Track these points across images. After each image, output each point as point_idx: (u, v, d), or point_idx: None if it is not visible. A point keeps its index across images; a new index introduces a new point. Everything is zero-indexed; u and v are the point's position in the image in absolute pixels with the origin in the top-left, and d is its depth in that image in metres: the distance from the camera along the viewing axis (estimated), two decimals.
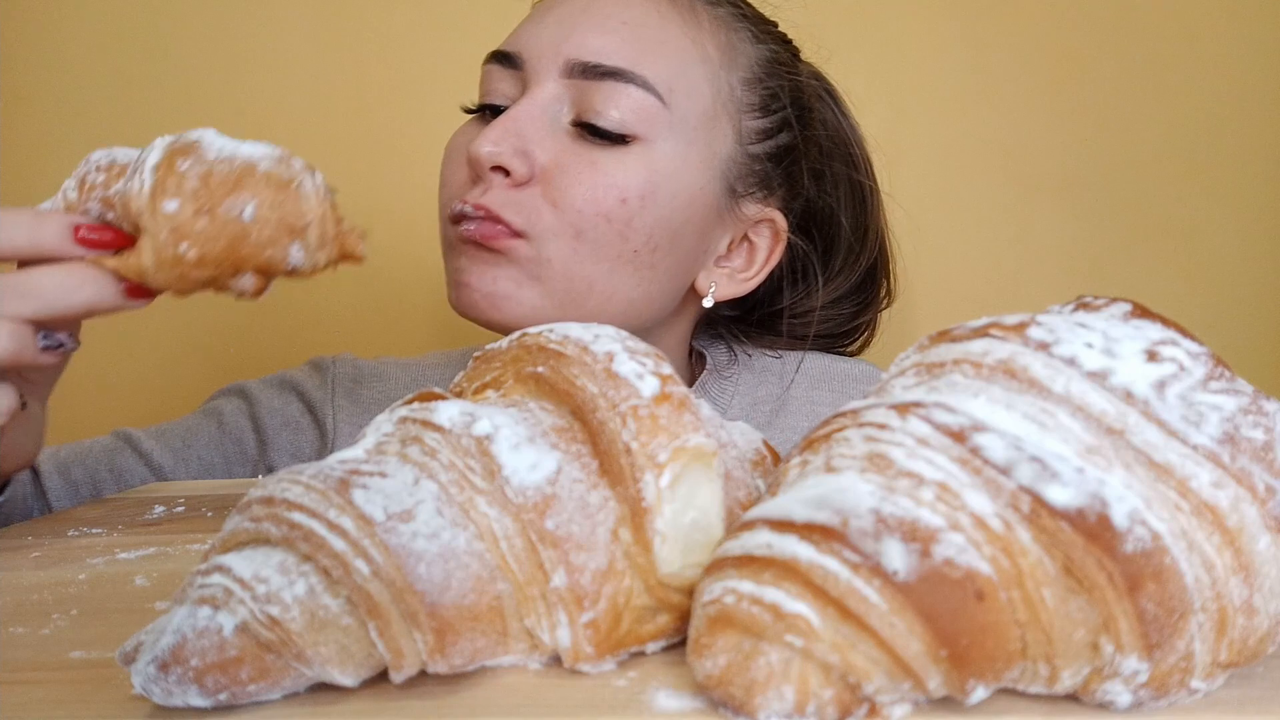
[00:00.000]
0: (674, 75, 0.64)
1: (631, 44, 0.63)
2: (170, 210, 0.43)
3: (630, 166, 0.63)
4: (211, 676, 0.26)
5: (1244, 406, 0.27)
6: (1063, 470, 0.25)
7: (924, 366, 0.30)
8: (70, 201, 0.46)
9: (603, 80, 0.62)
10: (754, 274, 0.72)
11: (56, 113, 1.18)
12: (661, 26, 0.65)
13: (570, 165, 0.62)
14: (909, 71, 1.13)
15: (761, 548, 0.25)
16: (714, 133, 0.66)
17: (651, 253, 0.64)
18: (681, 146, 0.64)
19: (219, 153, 0.45)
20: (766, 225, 0.71)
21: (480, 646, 0.28)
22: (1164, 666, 0.25)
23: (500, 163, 0.61)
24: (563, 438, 0.31)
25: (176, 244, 0.44)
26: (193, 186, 0.44)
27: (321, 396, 0.79)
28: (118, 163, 0.46)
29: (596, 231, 0.62)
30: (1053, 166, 1.12)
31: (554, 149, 0.62)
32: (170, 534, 0.50)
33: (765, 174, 0.70)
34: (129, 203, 0.44)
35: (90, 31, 1.18)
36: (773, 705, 0.24)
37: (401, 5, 1.16)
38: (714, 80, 0.66)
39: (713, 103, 0.66)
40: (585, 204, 0.62)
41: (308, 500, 0.28)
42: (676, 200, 0.64)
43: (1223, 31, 1.10)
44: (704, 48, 0.66)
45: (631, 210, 0.62)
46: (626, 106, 0.62)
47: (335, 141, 1.16)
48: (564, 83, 0.63)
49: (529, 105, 0.63)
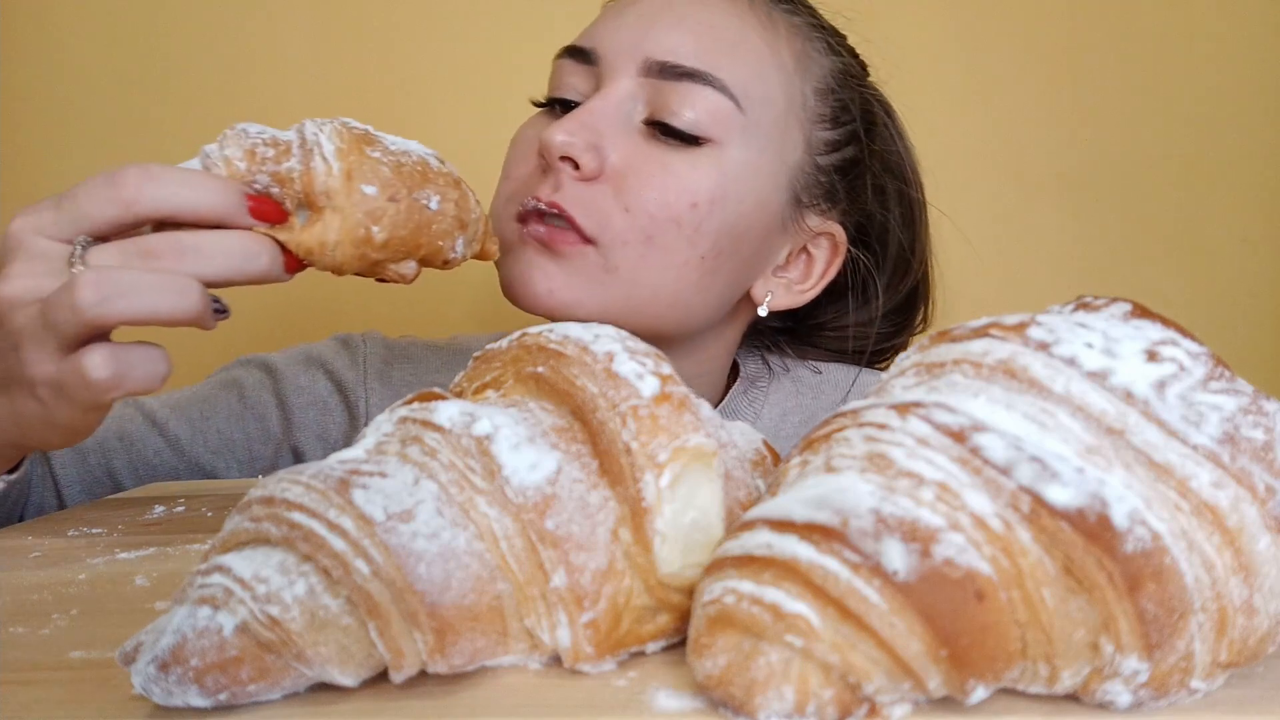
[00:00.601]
0: (750, 80, 0.64)
1: (710, 46, 0.63)
2: (368, 193, 0.47)
3: (702, 169, 0.62)
4: (211, 676, 0.26)
5: (1244, 406, 0.27)
6: (1063, 470, 0.25)
7: (924, 366, 0.30)
8: (237, 171, 0.46)
9: (679, 80, 0.62)
10: (811, 286, 0.71)
11: (56, 113, 1.18)
12: (740, 30, 0.65)
13: (642, 167, 0.61)
14: (908, 71, 1.12)
15: (761, 548, 0.25)
16: (785, 141, 0.66)
17: (716, 258, 0.64)
18: (753, 153, 0.64)
19: (394, 144, 0.49)
20: (826, 238, 0.71)
21: (480, 646, 0.28)
22: (1164, 666, 0.25)
23: (571, 154, 0.60)
24: (563, 438, 0.31)
25: (370, 225, 0.47)
26: (387, 175, 0.47)
27: (354, 377, 0.77)
28: (278, 138, 0.48)
29: (666, 237, 0.62)
30: (1053, 166, 1.12)
31: (626, 148, 0.62)
32: (170, 534, 0.50)
33: (830, 186, 0.69)
34: (312, 181, 0.46)
35: (90, 31, 1.18)
36: (773, 705, 0.24)
37: (402, 5, 1.16)
38: (788, 88, 0.66)
39: (786, 111, 0.66)
40: (657, 208, 0.61)
41: (308, 500, 0.28)
42: (744, 206, 0.64)
43: (1223, 31, 1.10)
44: (780, 54, 0.66)
45: (701, 215, 0.62)
46: (702, 108, 0.62)
47: None
48: (640, 81, 0.63)
49: (604, 101, 0.62)
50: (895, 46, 1.12)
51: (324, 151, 0.47)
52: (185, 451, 0.74)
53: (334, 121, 0.49)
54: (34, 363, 0.44)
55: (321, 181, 0.46)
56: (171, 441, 0.73)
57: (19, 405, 0.47)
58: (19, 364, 0.45)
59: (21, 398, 0.46)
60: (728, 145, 0.63)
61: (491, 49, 1.06)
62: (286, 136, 0.48)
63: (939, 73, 1.12)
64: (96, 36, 1.17)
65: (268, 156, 0.47)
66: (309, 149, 0.47)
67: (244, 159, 0.47)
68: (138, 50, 1.17)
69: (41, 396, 0.45)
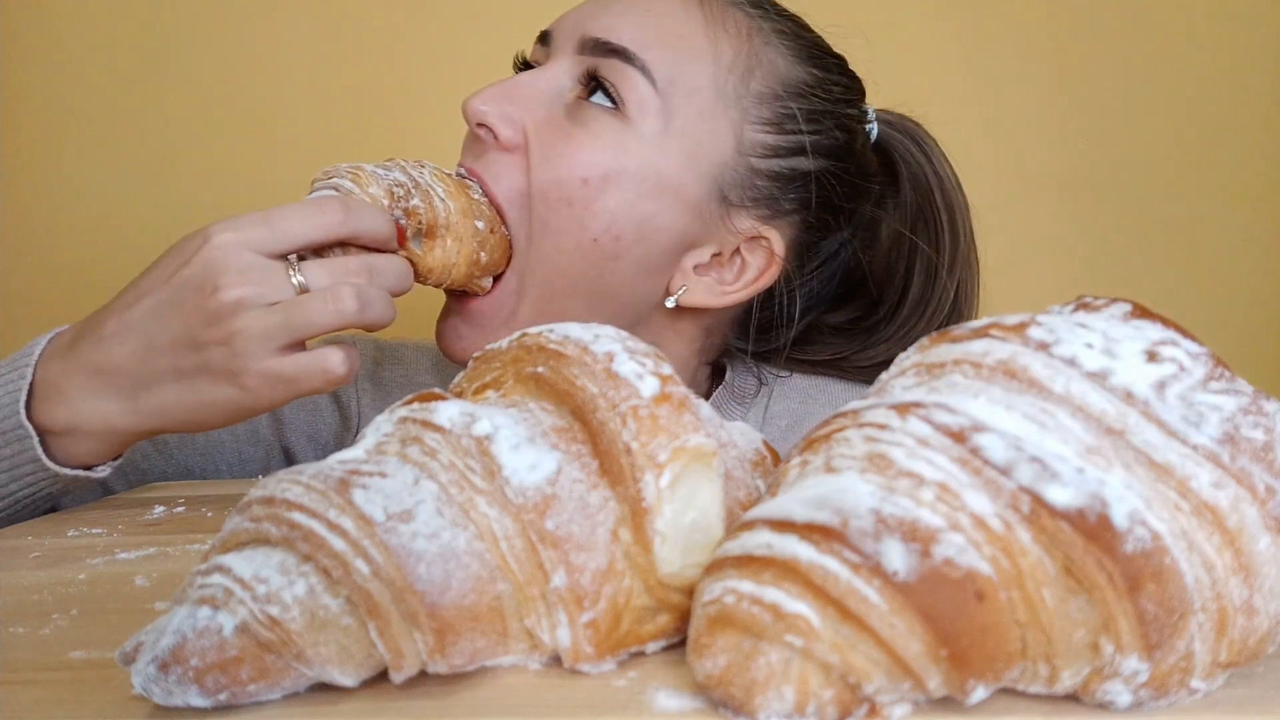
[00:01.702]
0: (677, 69, 0.64)
1: (645, 29, 0.64)
2: (480, 228, 0.62)
3: (602, 143, 0.63)
4: (211, 676, 0.26)
5: (1244, 406, 0.27)
6: (1063, 470, 0.25)
7: (924, 367, 0.30)
8: (382, 206, 0.58)
9: (608, 57, 0.64)
10: (738, 289, 0.69)
11: (56, 113, 1.18)
12: (684, 21, 0.66)
13: (548, 136, 0.63)
14: (908, 71, 1.12)
15: (761, 548, 0.25)
16: (707, 134, 0.65)
17: (614, 241, 0.64)
18: (664, 139, 0.64)
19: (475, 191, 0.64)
20: (761, 244, 0.69)
21: (480, 646, 0.28)
22: (1164, 666, 0.25)
23: (487, 121, 0.64)
24: (563, 438, 0.31)
25: (479, 251, 0.62)
26: (489, 214, 0.63)
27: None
28: (400, 181, 0.60)
29: (559, 218, 0.63)
30: (1053, 166, 1.12)
31: (539, 118, 0.64)
32: (170, 534, 0.50)
33: (767, 191, 0.68)
34: (436, 216, 0.60)
35: (90, 31, 1.18)
36: (773, 705, 0.24)
37: (402, 5, 1.16)
38: (720, 84, 0.66)
39: (713, 106, 0.65)
40: (549, 185, 0.63)
41: (308, 500, 0.28)
42: (645, 187, 0.64)
43: (1223, 31, 1.10)
44: (720, 50, 0.66)
45: (592, 191, 0.63)
46: (623, 85, 0.63)
47: (335, 141, 1.16)
48: (576, 59, 0.65)
49: (534, 75, 0.66)
50: (896, 47, 1.12)
51: (438, 193, 0.61)
52: (173, 455, 0.75)
53: (428, 165, 0.62)
54: (257, 357, 0.52)
55: (443, 217, 0.60)
56: (159, 445, 0.74)
57: (207, 394, 0.54)
58: (233, 357, 0.52)
59: (216, 387, 0.54)
60: (638, 125, 0.63)
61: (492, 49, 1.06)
62: (395, 175, 0.60)
63: (939, 73, 1.12)
64: (96, 36, 1.17)
65: (400, 195, 0.59)
66: (425, 190, 0.60)
67: (386, 196, 0.59)
68: (138, 50, 1.17)
69: (250, 385, 0.53)
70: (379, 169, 0.60)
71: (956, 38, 1.12)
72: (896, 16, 1.12)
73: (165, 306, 0.53)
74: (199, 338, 0.52)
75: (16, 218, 1.19)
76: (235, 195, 1.16)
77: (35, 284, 1.18)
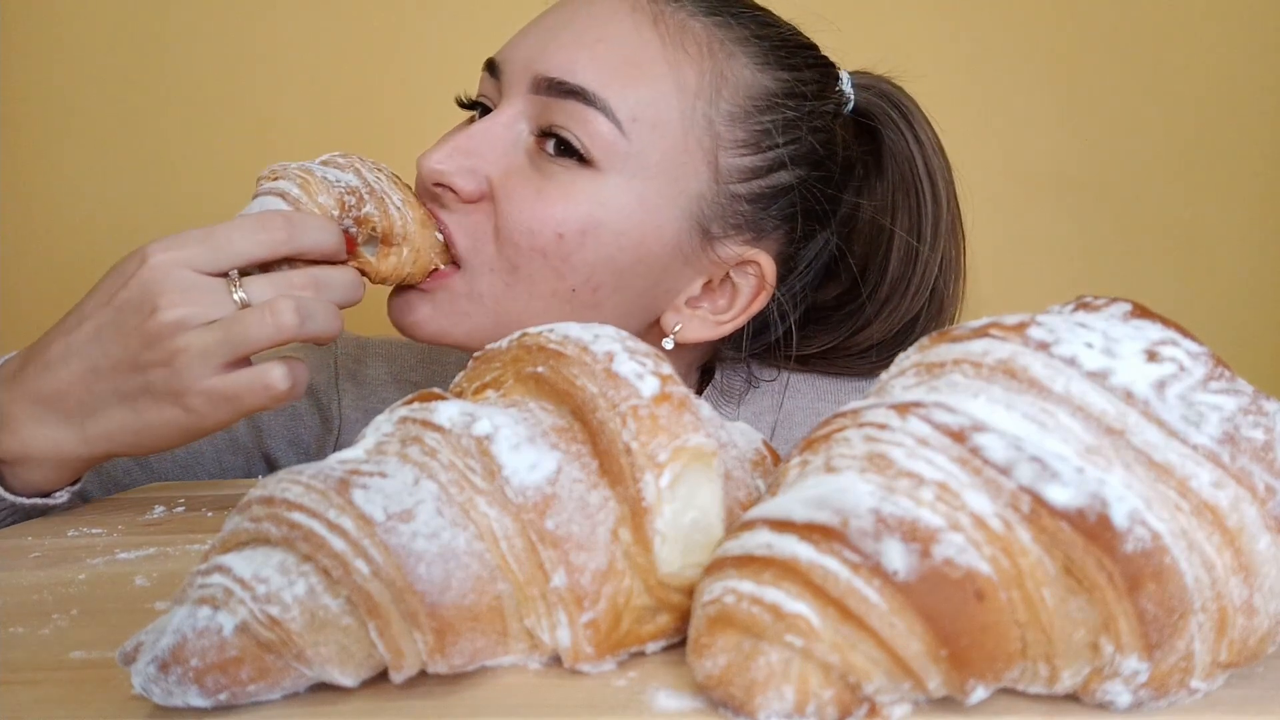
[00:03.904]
0: (640, 104, 0.60)
1: (601, 64, 0.60)
2: (439, 239, 0.62)
3: (575, 199, 0.60)
4: (211, 676, 0.26)
5: (1244, 406, 0.27)
6: (1063, 470, 0.25)
7: (924, 366, 0.30)
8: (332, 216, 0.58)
9: (565, 99, 0.60)
10: (732, 317, 0.66)
11: (56, 113, 1.18)
12: (640, 48, 0.61)
13: (516, 191, 0.60)
14: (908, 71, 1.12)
15: (761, 548, 0.25)
16: (682, 169, 0.62)
17: (593, 292, 0.62)
18: (636, 182, 0.60)
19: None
20: (751, 267, 0.65)
21: (480, 646, 0.28)
22: (1164, 666, 0.25)
23: (445, 181, 0.61)
24: (563, 438, 0.31)
25: (435, 258, 0.62)
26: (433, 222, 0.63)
27: (324, 379, 0.77)
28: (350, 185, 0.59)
29: (532, 266, 0.60)
30: (1053, 166, 1.12)
31: (506, 170, 0.61)
32: (170, 534, 0.50)
33: (750, 215, 0.64)
34: (392, 226, 0.60)
35: (90, 31, 1.18)
36: (773, 705, 0.24)
37: (402, 5, 1.16)
38: (687, 113, 0.61)
39: (683, 137, 0.61)
40: (523, 236, 0.60)
41: (308, 500, 0.28)
42: (625, 239, 0.61)
43: (1222, 31, 1.10)
44: (682, 75, 0.61)
45: (569, 247, 0.60)
46: (584, 130, 0.59)
47: (335, 141, 1.16)
48: (529, 98, 0.61)
49: (489, 123, 0.62)
50: (896, 47, 1.12)
51: (394, 200, 0.60)
52: (152, 467, 0.75)
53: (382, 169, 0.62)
54: (199, 376, 0.51)
55: (399, 226, 0.60)
56: (141, 461, 0.74)
57: (153, 416, 0.53)
58: (174, 377, 0.51)
59: (160, 409, 0.53)
60: (609, 173, 0.60)
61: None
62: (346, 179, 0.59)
63: (940, 73, 1.12)
64: (96, 36, 1.17)
65: (351, 204, 0.59)
66: (380, 197, 0.60)
67: (336, 205, 0.58)
68: (138, 50, 1.17)
69: (194, 406, 0.52)
70: (330, 173, 0.59)
71: (956, 38, 1.12)
72: (896, 16, 1.12)
73: (106, 329, 0.52)
74: (140, 360, 0.52)
75: (16, 218, 1.19)
76: (235, 195, 1.16)
77: (35, 284, 1.18)
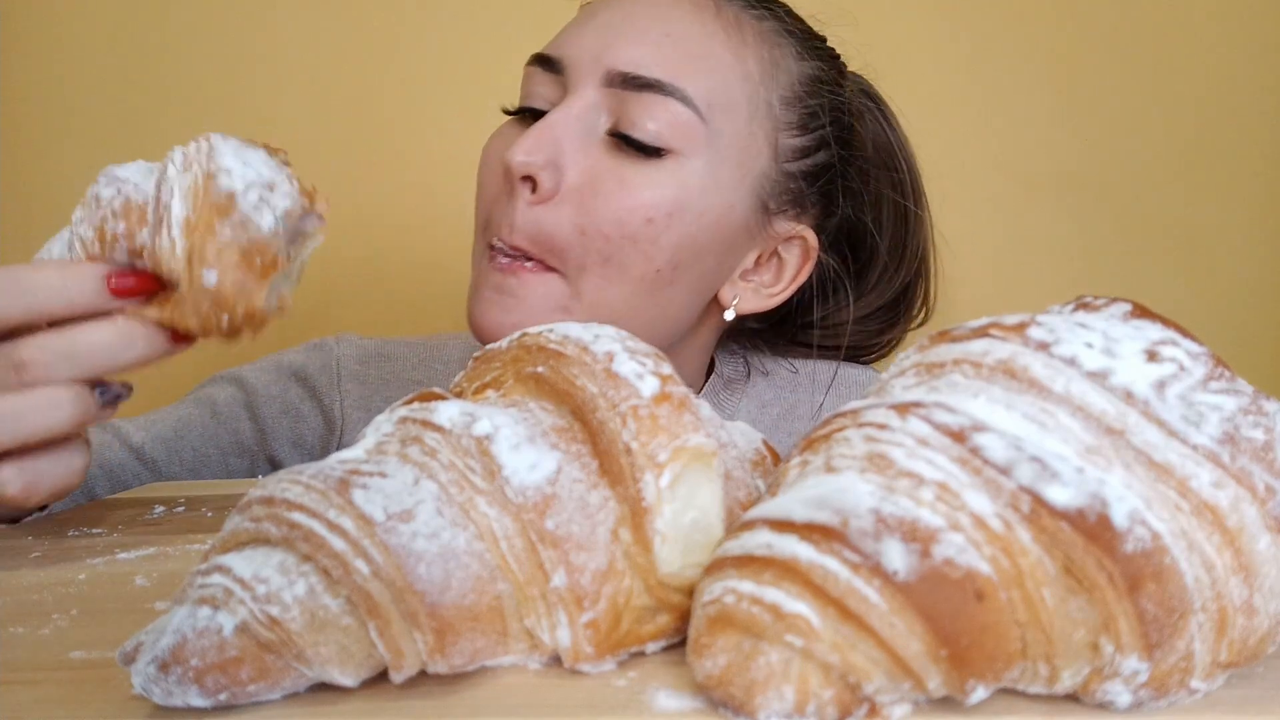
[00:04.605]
0: (713, 90, 0.63)
1: (673, 57, 0.63)
2: (210, 284, 0.42)
3: (660, 183, 0.62)
4: (211, 676, 0.26)
5: (1244, 406, 0.27)
6: (1063, 470, 0.25)
7: (924, 366, 0.30)
8: (93, 253, 0.43)
9: (642, 92, 0.62)
10: (781, 289, 0.71)
11: (56, 113, 1.18)
12: (704, 40, 0.64)
13: (600, 183, 0.62)
14: (908, 72, 1.12)
15: (761, 548, 0.25)
16: (749, 150, 0.66)
17: (674, 270, 0.64)
18: (714, 164, 0.64)
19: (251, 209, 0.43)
20: (797, 242, 0.70)
21: (480, 646, 0.28)
22: (1164, 666, 0.25)
23: (531, 173, 0.61)
24: (563, 438, 0.31)
25: (219, 315, 0.43)
26: (234, 261, 0.42)
27: (326, 381, 0.77)
28: (132, 201, 0.43)
29: (622, 254, 0.62)
30: (1053, 166, 1.12)
31: (585, 163, 0.62)
32: (170, 534, 0.50)
33: (799, 192, 0.69)
34: (160, 262, 0.42)
35: (90, 31, 1.18)
36: (773, 705, 0.24)
37: (402, 5, 1.16)
38: (753, 97, 0.66)
39: (750, 120, 0.66)
40: (612, 226, 0.61)
41: (308, 500, 0.28)
42: (704, 219, 0.64)
43: (1222, 31, 1.10)
44: (746, 63, 0.66)
45: (658, 230, 0.62)
46: (664, 120, 0.62)
47: (335, 141, 1.16)
48: (603, 91, 0.63)
49: (565, 114, 0.63)
50: (896, 47, 1.12)
51: (172, 220, 0.42)
52: (162, 472, 0.75)
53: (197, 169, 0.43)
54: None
55: (167, 264, 0.42)
56: (149, 465, 0.74)
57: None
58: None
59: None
60: (689, 157, 0.63)
61: (492, 49, 1.06)
62: (132, 190, 0.43)
63: (940, 73, 1.12)
64: (96, 36, 1.17)
65: (118, 232, 0.43)
66: (160, 215, 0.42)
67: (95, 240, 0.43)
68: (138, 50, 1.17)
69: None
70: (117, 184, 0.44)
71: (956, 38, 1.12)
72: (897, 17, 1.12)
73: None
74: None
75: (16, 218, 1.19)
76: None
77: None
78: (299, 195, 0.45)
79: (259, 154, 0.45)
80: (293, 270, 0.47)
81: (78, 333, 0.43)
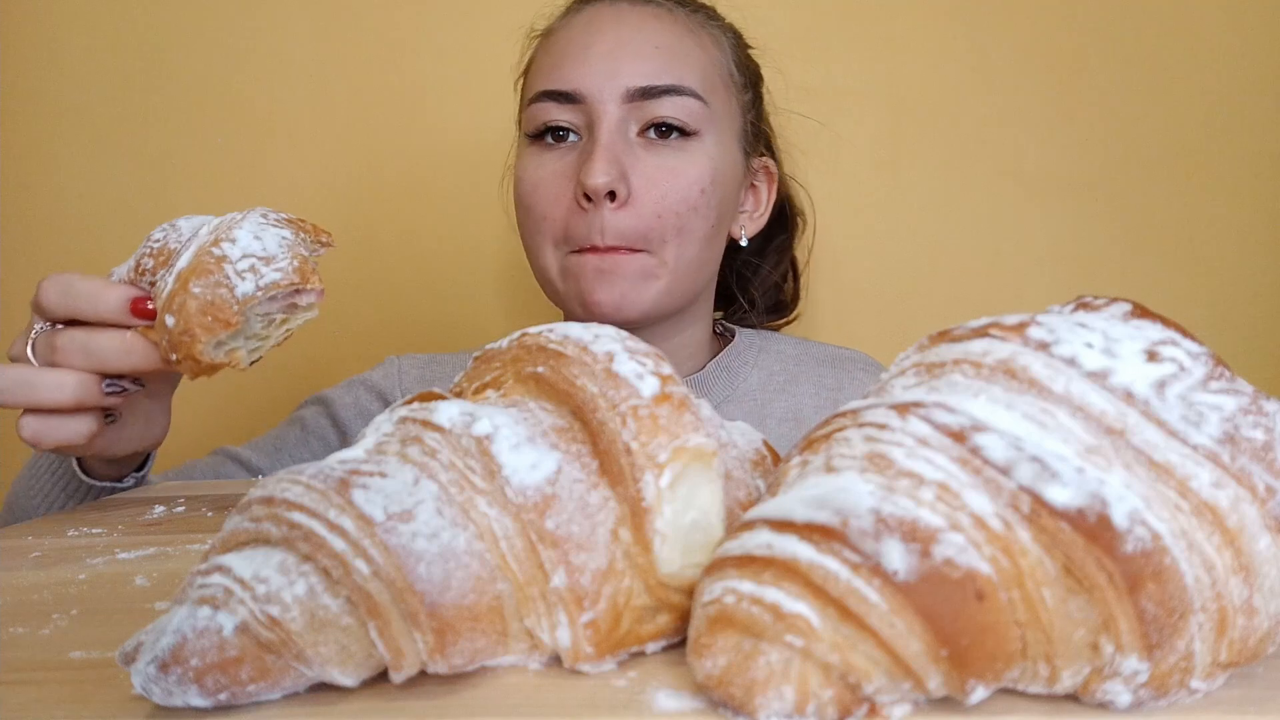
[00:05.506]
0: (703, 78, 0.79)
1: (669, 63, 0.78)
2: (169, 325, 0.53)
3: (696, 161, 0.78)
4: (211, 676, 0.26)
5: (1244, 406, 0.27)
6: (1063, 470, 0.25)
7: (924, 366, 0.30)
8: (132, 279, 0.55)
9: (660, 97, 0.77)
10: (763, 211, 0.89)
11: (56, 113, 1.18)
12: (678, 42, 0.79)
13: (655, 177, 0.77)
14: (909, 72, 1.12)
15: (761, 548, 0.25)
16: (732, 114, 0.83)
17: (718, 221, 0.81)
18: (719, 134, 0.80)
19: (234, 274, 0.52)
20: (763, 171, 0.89)
21: (480, 646, 0.28)
22: (1164, 666, 0.25)
23: (612, 188, 0.75)
24: (563, 438, 0.31)
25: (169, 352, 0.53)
26: (192, 311, 0.52)
27: (389, 386, 0.91)
28: (167, 246, 0.54)
29: (690, 223, 0.78)
30: (1053, 166, 1.12)
31: (639, 167, 0.77)
32: (170, 534, 0.50)
33: (757, 132, 0.87)
34: (156, 298, 0.54)
35: (90, 31, 1.18)
36: (773, 705, 0.24)
37: (402, 7, 1.16)
38: (722, 74, 0.82)
39: (726, 92, 0.82)
40: (679, 203, 0.77)
41: (308, 500, 0.28)
42: (726, 176, 0.81)
43: (1223, 31, 1.10)
44: (708, 50, 0.82)
45: (708, 196, 0.79)
46: (683, 113, 0.77)
47: (335, 141, 1.16)
48: (625, 106, 0.77)
49: (609, 133, 0.76)
50: (897, 48, 1.12)
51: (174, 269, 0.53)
52: (251, 466, 0.86)
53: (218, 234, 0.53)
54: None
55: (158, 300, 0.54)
56: (256, 472, 0.85)
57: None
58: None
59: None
60: (705, 135, 0.79)
61: (492, 49, 1.06)
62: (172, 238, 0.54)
63: (939, 72, 1.12)
64: (96, 36, 1.17)
65: (147, 268, 0.54)
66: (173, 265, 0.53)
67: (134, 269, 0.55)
68: (138, 50, 1.17)
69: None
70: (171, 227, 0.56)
71: (956, 38, 1.12)
72: (897, 17, 1.12)
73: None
74: None
75: (16, 218, 1.19)
76: (234, 195, 1.16)
77: (35, 284, 1.18)
78: (293, 274, 0.54)
79: (280, 233, 0.55)
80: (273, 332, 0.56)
81: (96, 335, 0.55)
